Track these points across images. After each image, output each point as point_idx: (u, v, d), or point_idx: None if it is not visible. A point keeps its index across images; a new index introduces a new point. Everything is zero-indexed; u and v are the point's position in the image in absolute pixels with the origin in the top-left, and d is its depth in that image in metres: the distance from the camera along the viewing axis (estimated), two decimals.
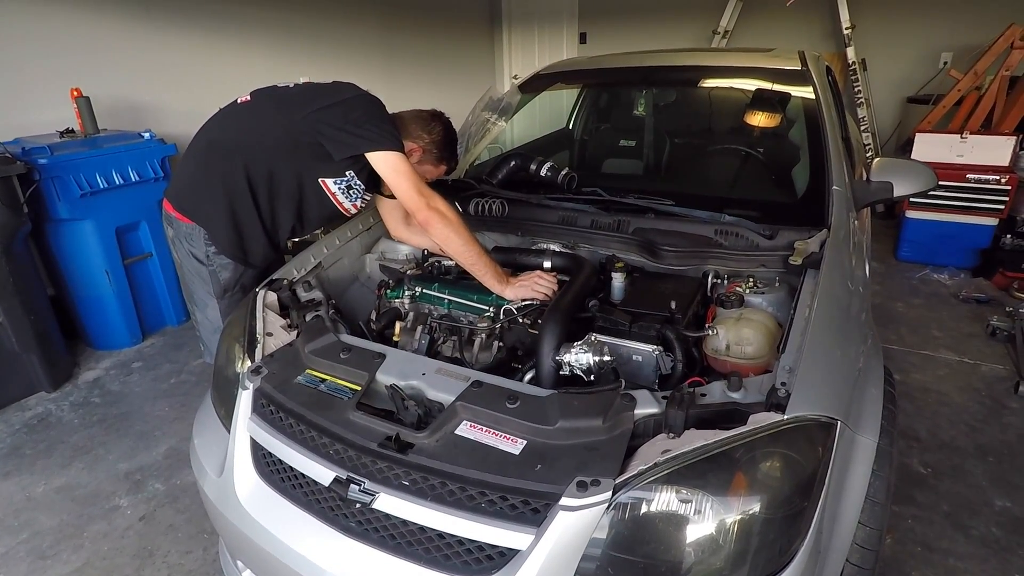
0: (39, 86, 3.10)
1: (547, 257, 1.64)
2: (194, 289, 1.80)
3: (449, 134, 1.77)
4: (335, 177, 1.68)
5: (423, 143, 1.72)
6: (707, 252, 1.57)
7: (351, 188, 1.71)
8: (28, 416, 2.59)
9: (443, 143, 1.76)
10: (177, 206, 1.72)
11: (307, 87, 1.69)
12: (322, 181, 1.68)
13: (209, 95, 3.86)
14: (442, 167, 1.81)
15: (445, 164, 1.81)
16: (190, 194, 1.71)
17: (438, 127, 1.75)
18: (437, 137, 1.74)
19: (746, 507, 0.93)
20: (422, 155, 1.74)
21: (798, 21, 5.35)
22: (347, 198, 1.73)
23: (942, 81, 4.62)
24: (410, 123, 1.72)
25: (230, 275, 1.75)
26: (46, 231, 2.86)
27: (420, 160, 1.74)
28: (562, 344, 1.26)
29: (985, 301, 3.34)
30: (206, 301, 1.79)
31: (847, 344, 1.21)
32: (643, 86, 2.70)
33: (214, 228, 1.69)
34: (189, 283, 1.80)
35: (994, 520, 1.88)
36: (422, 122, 1.73)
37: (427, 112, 1.77)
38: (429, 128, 1.73)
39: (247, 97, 1.70)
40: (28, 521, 2.01)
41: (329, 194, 1.70)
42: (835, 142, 1.83)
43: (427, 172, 1.78)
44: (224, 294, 1.77)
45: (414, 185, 1.55)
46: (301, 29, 4.56)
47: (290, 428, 1.17)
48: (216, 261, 1.73)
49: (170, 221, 1.76)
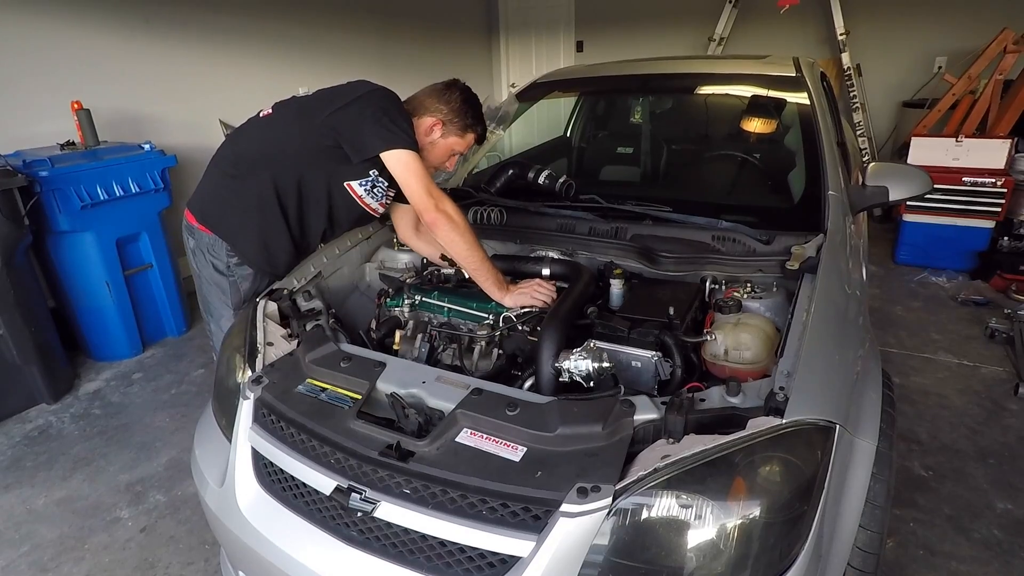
0: (40, 99, 3.12)
1: (546, 264, 1.65)
2: (211, 300, 1.80)
3: (469, 99, 1.71)
4: (359, 178, 1.67)
5: (442, 115, 1.67)
6: (705, 258, 1.58)
7: (375, 187, 1.70)
8: (29, 428, 2.59)
9: (464, 110, 1.69)
10: (200, 218, 1.72)
11: (323, 91, 1.68)
12: (347, 185, 1.67)
13: (209, 106, 3.87)
14: (470, 135, 1.73)
15: (472, 132, 1.73)
16: (214, 207, 1.71)
17: (455, 95, 1.69)
18: (456, 104, 1.68)
19: (746, 511, 0.93)
20: (444, 128, 1.69)
21: (793, 28, 5.39)
22: (373, 198, 1.72)
23: (937, 85, 4.65)
24: (426, 99, 1.69)
25: (250, 286, 1.75)
26: (47, 243, 2.87)
27: (444, 133, 1.69)
28: (561, 351, 1.27)
29: (984, 303, 3.35)
30: (222, 312, 1.79)
31: (845, 348, 1.22)
32: (640, 94, 2.72)
33: (240, 240, 1.69)
34: (206, 294, 1.81)
35: (996, 522, 1.88)
36: (437, 94, 1.69)
37: (442, 84, 1.72)
38: (447, 98, 1.68)
39: (269, 111, 1.70)
40: (29, 534, 2.01)
41: (356, 197, 1.70)
42: (830, 147, 1.85)
43: (454, 144, 1.72)
44: (242, 305, 1.77)
45: (424, 185, 1.54)
46: (300, 40, 4.59)
47: (291, 437, 1.17)
48: (237, 272, 1.73)
49: (191, 232, 1.76)
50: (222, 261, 1.72)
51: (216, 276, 1.74)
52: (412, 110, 1.67)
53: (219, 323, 1.82)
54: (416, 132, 1.61)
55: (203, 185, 1.77)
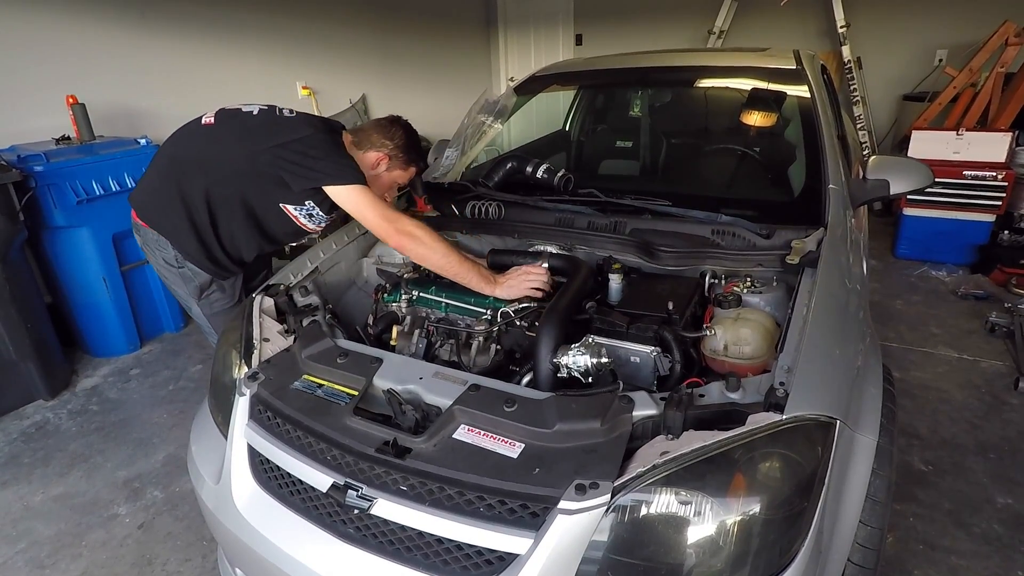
0: (34, 93, 3.09)
1: (544, 259, 1.63)
2: (176, 289, 1.83)
3: (411, 136, 1.81)
4: (295, 204, 1.70)
5: (387, 150, 1.76)
6: (704, 252, 1.56)
7: (312, 216, 1.75)
8: (26, 424, 2.58)
9: (407, 146, 1.79)
10: (142, 216, 1.75)
11: (269, 118, 1.69)
12: (283, 206, 1.71)
13: (205, 101, 3.86)
14: (411, 169, 1.84)
15: (414, 166, 1.84)
16: (154, 206, 1.73)
17: (399, 131, 1.78)
18: (400, 141, 1.77)
19: (746, 508, 0.93)
20: (389, 162, 1.77)
21: (793, 20, 5.36)
22: (310, 221, 1.77)
23: (937, 78, 4.63)
24: (371, 133, 1.76)
25: (205, 276, 1.77)
26: (43, 239, 2.85)
27: (389, 167, 1.78)
28: (560, 346, 1.26)
29: (984, 297, 3.34)
30: (188, 303, 1.84)
31: (845, 343, 1.21)
32: (639, 87, 2.70)
33: (179, 238, 1.71)
34: (170, 285, 1.84)
35: (996, 517, 1.88)
36: (383, 130, 1.77)
37: (385, 120, 1.81)
38: (391, 134, 1.76)
39: (211, 119, 1.70)
40: (26, 530, 2.00)
41: (292, 216, 1.74)
42: (831, 140, 1.83)
43: (398, 177, 1.82)
44: (202, 294, 1.80)
45: (379, 214, 1.58)
46: (296, 34, 4.55)
47: (287, 434, 1.17)
48: (186, 264, 1.75)
49: (138, 229, 1.79)
50: (170, 254, 1.74)
51: (169, 268, 1.77)
52: (357, 144, 1.74)
53: (191, 310, 1.87)
54: (361, 166, 1.66)
55: (143, 182, 1.80)
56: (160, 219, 1.72)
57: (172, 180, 1.68)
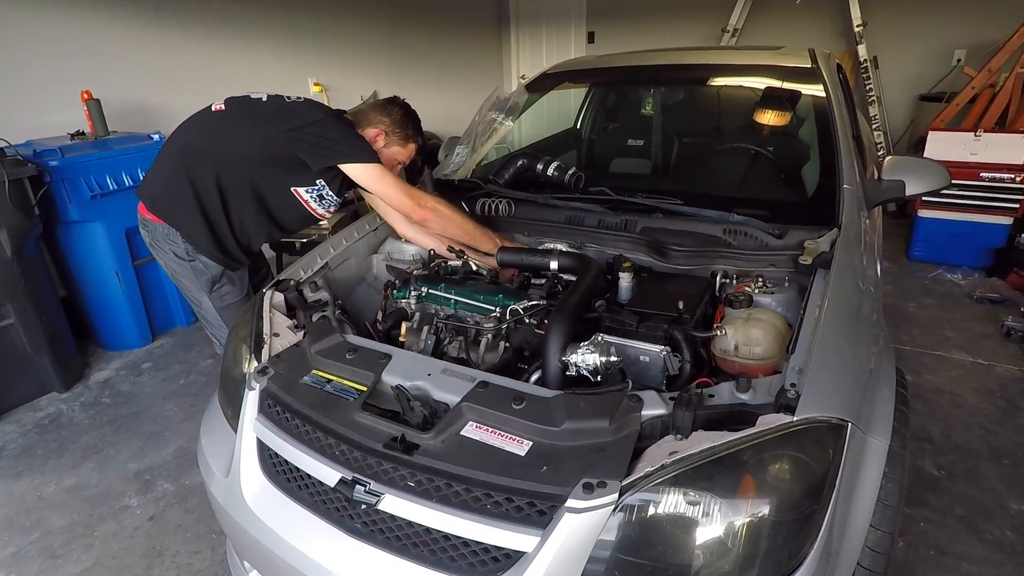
0: (49, 89, 3.13)
1: (554, 257, 1.63)
2: (186, 286, 1.84)
3: (408, 113, 1.86)
4: (307, 186, 1.74)
5: (384, 126, 1.81)
6: (716, 252, 1.55)
7: (323, 198, 1.78)
8: (40, 416, 2.62)
9: (404, 122, 1.84)
10: (151, 207, 1.76)
11: (279, 104, 1.73)
12: (294, 190, 1.74)
13: (218, 97, 3.88)
14: (411, 145, 1.88)
15: (412, 142, 1.88)
16: (164, 197, 1.75)
17: (396, 109, 1.84)
18: (397, 117, 1.82)
19: (755, 510, 0.92)
20: (387, 138, 1.81)
21: (808, 19, 5.30)
22: (320, 205, 1.80)
23: (955, 79, 4.57)
24: (369, 112, 1.82)
25: (216, 268, 1.79)
26: (57, 233, 2.89)
27: (387, 143, 1.82)
28: (569, 345, 1.25)
29: (999, 301, 3.29)
30: (198, 298, 1.84)
31: (858, 345, 1.19)
32: (651, 85, 2.69)
33: (190, 229, 1.73)
34: (179, 281, 1.85)
35: (1009, 524, 1.85)
36: (380, 108, 1.83)
37: (383, 100, 1.87)
38: (388, 111, 1.82)
39: (221, 106, 1.74)
40: (39, 520, 2.03)
41: (302, 201, 1.77)
42: (846, 140, 1.81)
43: (397, 154, 1.87)
44: (212, 287, 1.81)
45: (403, 190, 1.66)
46: (308, 30, 4.58)
47: (296, 429, 1.17)
48: (198, 257, 1.77)
49: (145, 225, 1.80)
50: (180, 247, 1.75)
51: (180, 263, 1.77)
52: (356, 123, 1.78)
53: (200, 307, 1.87)
54: None
55: (152, 174, 1.81)
56: (170, 210, 1.73)
57: (183, 169, 1.69)
